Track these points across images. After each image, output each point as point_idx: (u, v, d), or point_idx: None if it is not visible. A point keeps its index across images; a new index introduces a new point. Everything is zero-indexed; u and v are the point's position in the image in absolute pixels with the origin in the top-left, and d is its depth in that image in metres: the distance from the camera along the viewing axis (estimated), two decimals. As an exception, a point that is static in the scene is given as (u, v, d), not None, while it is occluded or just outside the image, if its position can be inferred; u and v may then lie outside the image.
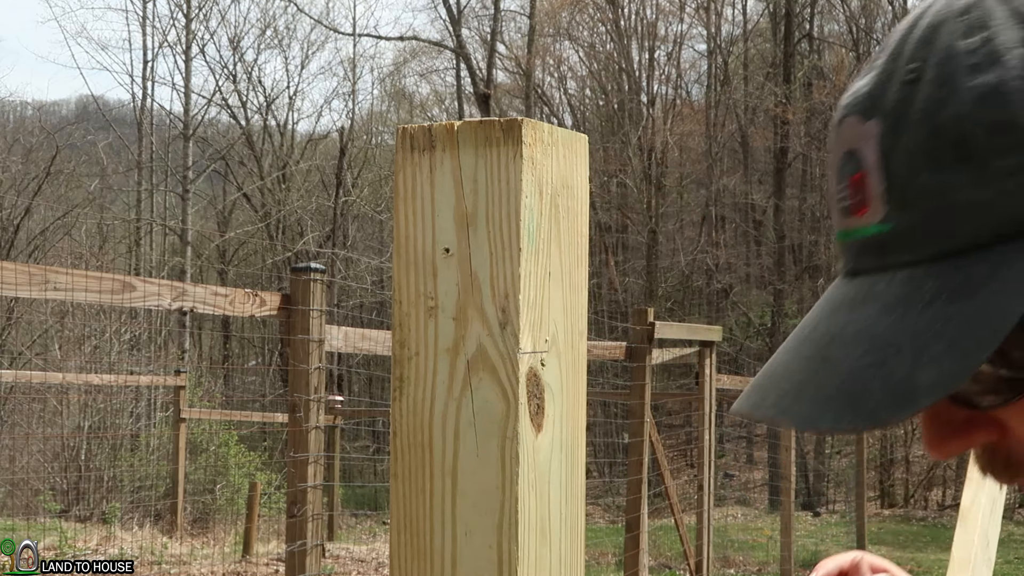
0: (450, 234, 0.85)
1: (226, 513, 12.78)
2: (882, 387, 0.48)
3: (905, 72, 0.52)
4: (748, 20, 28.95)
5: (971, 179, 0.48)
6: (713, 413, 8.66)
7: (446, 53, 30.13)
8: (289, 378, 5.42)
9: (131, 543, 9.86)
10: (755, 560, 13.07)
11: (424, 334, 0.86)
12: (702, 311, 26.58)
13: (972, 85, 0.49)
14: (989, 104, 0.48)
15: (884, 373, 0.49)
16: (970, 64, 0.49)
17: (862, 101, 0.54)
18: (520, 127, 0.82)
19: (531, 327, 0.84)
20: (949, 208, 0.49)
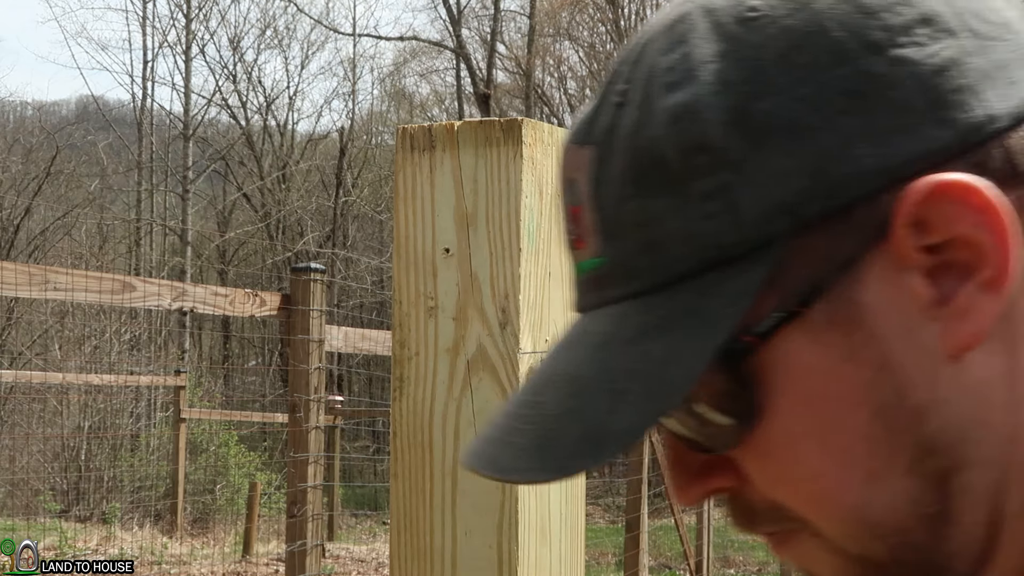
0: (450, 234, 0.85)
1: (226, 513, 12.78)
2: (577, 434, 0.45)
3: (615, 94, 0.49)
4: (748, 20, 28.95)
5: (673, 205, 0.46)
6: (713, 413, 8.66)
7: (446, 53, 30.14)
8: (289, 378, 5.42)
9: (131, 543, 9.85)
10: (755, 560, 13.06)
11: (424, 334, 0.86)
12: (702, 311, 26.58)
13: (666, 105, 0.46)
14: (682, 124, 0.45)
15: (581, 418, 0.46)
16: (667, 82, 0.46)
17: (580, 127, 0.51)
18: (520, 127, 0.82)
19: (531, 327, 0.84)
20: (657, 237, 0.46)
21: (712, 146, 0.45)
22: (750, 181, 0.45)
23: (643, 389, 0.45)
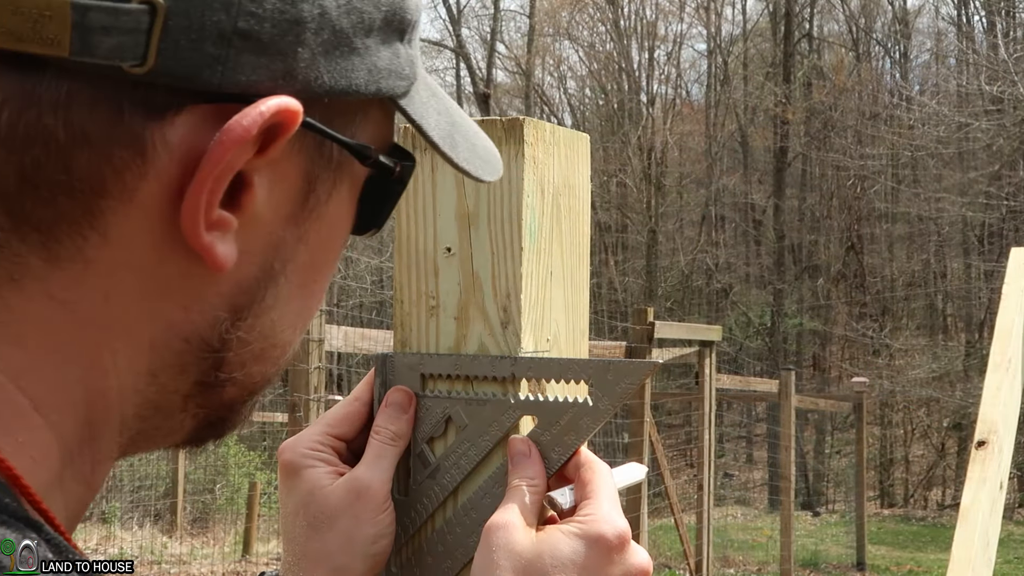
0: (452, 233, 0.84)
1: (226, 513, 12.78)
2: None
3: None
4: (748, 20, 28.95)
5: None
6: (713, 413, 8.66)
7: (446, 53, 30.13)
8: (289, 378, 5.42)
9: (131, 543, 9.85)
10: (755, 560, 13.06)
11: (425, 334, 0.86)
12: (702, 311, 26.57)
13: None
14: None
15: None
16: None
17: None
18: (522, 126, 0.82)
19: (533, 327, 0.83)
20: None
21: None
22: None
23: None
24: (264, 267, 0.57)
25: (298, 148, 0.55)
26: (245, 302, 0.57)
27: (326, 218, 0.59)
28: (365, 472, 0.79)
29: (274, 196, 0.55)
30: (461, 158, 0.62)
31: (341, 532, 0.78)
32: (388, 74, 0.57)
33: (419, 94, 0.61)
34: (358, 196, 0.61)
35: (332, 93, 0.54)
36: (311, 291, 0.61)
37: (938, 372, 20.95)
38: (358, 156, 0.58)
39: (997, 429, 2.48)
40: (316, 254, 0.60)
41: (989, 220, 21.59)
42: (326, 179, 0.58)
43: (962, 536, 2.28)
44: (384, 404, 0.83)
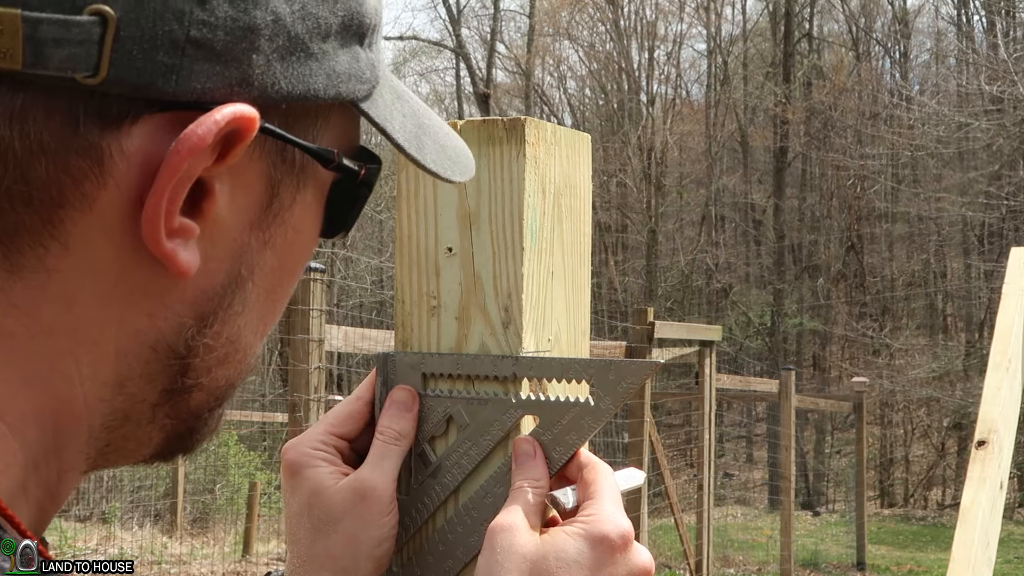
0: (453, 233, 0.84)
1: (226, 513, 12.78)
2: None
3: None
4: (748, 20, 28.95)
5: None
6: (713, 412, 8.66)
7: (446, 53, 30.14)
8: (289, 378, 5.42)
9: (131, 543, 9.85)
10: (755, 560, 13.06)
11: (427, 333, 0.86)
12: (702, 311, 26.57)
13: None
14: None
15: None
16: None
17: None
18: (523, 126, 0.82)
19: (534, 326, 0.83)
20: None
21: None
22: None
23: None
24: (230, 273, 0.57)
25: (259, 154, 0.55)
26: (211, 308, 0.57)
27: (291, 222, 0.59)
28: (370, 473, 0.79)
29: (237, 202, 0.55)
30: (429, 160, 0.63)
31: (346, 534, 0.78)
32: (348, 78, 0.57)
33: (382, 97, 0.61)
34: (325, 200, 0.62)
35: (290, 98, 0.54)
36: (277, 295, 0.62)
37: (938, 372, 20.96)
38: (321, 160, 0.58)
39: (997, 429, 2.48)
40: (283, 258, 0.60)
41: (989, 220, 21.59)
42: (289, 184, 0.58)
43: (962, 536, 2.29)
44: (388, 403, 0.83)
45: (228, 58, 0.51)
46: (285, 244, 0.59)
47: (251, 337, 0.61)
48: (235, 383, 0.62)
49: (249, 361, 0.62)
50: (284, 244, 0.59)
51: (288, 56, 0.54)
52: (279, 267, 0.60)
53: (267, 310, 0.61)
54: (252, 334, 0.61)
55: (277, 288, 0.61)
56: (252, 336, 0.61)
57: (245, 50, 0.52)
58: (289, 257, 0.61)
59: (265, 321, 0.62)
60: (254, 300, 0.59)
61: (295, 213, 0.59)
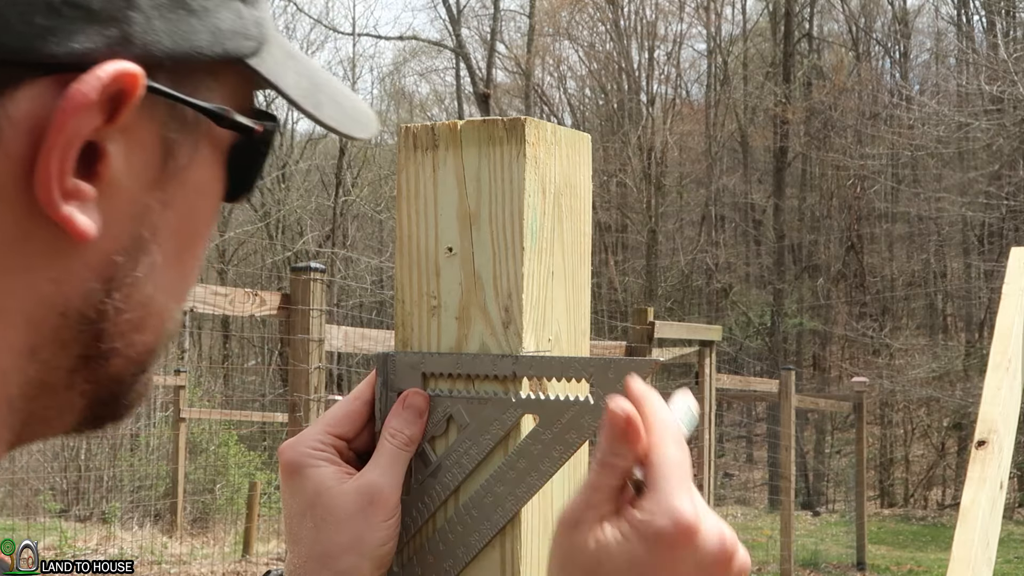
0: (453, 233, 0.84)
1: (226, 513, 12.78)
2: None
3: None
4: (748, 19, 28.95)
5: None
6: (713, 413, 8.66)
7: (446, 53, 30.14)
8: (289, 378, 5.42)
9: (131, 543, 9.85)
10: (755, 560, 13.06)
11: (427, 333, 0.86)
12: (702, 311, 26.57)
13: None
14: None
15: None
16: None
17: None
18: (523, 126, 0.82)
19: (534, 326, 0.83)
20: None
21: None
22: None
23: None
24: (133, 235, 0.57)
25: (149, 114, 0.55)
26: (116, 271, 0.57)
27: (191, 183, 0.59)
28: (379, 477, 0.79)
29: (132, 163, 0.55)
30: (326, 116, 0.63)
31: (350, 534, 0.78)
32: (232, 35, 0.57)
33: (272, 56, 0.61)
34: (225, 161, 0.62)
35: (175, 56, 0.55)
36: (185, 259, 0.61)
37: (938, 372, 20.96)
38: (214, 118, 0.58)
39: (997, 429, 2.48)
40: (186, 220, 0.60)
41: (989, 220, 21.59)
42: (184, 143, 0.58)
43: (962, 536, 2.29)
44: (401, 406, 0.83)
45: (106, 17, 0.52)
46: (186, 205, 0.59)
47: (165, 300, 0.60)
48: (155, 348, 0.62)
49: (167, 326, 0.62)
50: (185, 205, 0.59)
51: (169, 13, 0.54)
52: (183, 230, 0.60)
53: (178, 274, 0.61)
54: (165, 297, 0.60)
55: (185, 251, 0.61)
56: (165, 299, 0.60)
57: (122, 8, 0.52)
58: (192, 219, 0.61)
59: (177, 285, 0.62)
60: (162, 263, 0.59)
61: (193, 173, 0.59)
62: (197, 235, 0.62)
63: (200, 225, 0.62)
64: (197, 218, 0.61)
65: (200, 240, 0.62)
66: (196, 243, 0.62)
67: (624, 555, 0.66)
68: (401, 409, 0.83)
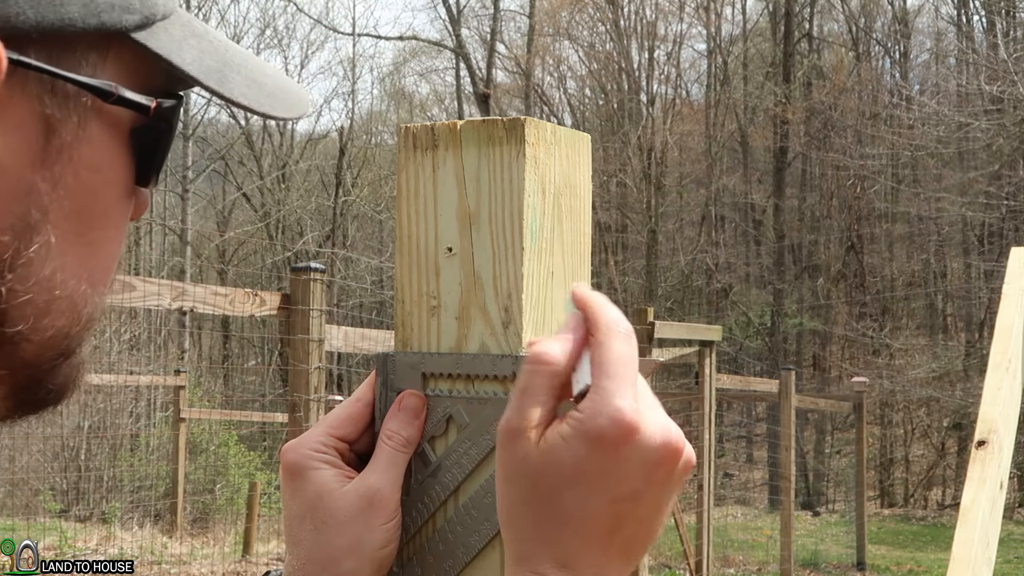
0: (453, 233, 0.84)
1: (226, 513, 12.78)
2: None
3: None
4: (748, 20, 28.95)
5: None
6: (713, 412, 8.66)
7: (446, 53, 30.14)
8: (289, 378, 5.42)
9: (131, 543, 9.85)
10: (755, 560, 13.06)
11: (427, 334, 0.86)
12: (702, 311, 26.58)
13: None
14: None
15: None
16: None
17: None
18: (523, 126, 0.82)
19: (534, 326, 0.83)
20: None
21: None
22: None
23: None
24: (19, 215, 0.55)
25: (22, 90, 0.54)
26: (8, 254, 0.55)
27: (84, 161, 0.57)
28: (378, 479, 0.79)
29: (9, 141, 0.54)
30: (235, 93, 0.61)
31: (351, 537, 0.77)
32: (110, 8, 0.55)
33: (168, 31, 0.59)
34: (127, 141, 0.60)
35: (41, 29, 0.52)
36: (92, 240, 0.60)
37: (938, 372, 20.96)
38: (97, 94, 0.56)
39: (997, 429, 2.48)
40: (84, 200, 0.58)
41: (989, 220, 21.59)
42: (67, 120, 0.56)
43: (962, 536, 2.29)
44: (397, 408, 0.83)
45: None
46: (81, 185, 0.58)
47: (74, 283, 0.59)
48: (72, 333, 0.60)
49: (83, 310, 0.60)
50: (79, 185, 0.57)
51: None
52: (84, 209, 0.58)
53: (87, 255, 0.59)
54: (75, 280, 0.59)
55: (90, 232, 0.59)
56: (76, 282, 0.59)
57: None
58: (92, 199, 0.59)
59: (89, 267, 0.60)
60: (62, 244, 0.57)
61: (84, 151, 0.57)
62: (102, 216, 0.60)
63: (104, 205, 0.60)
64: (98, 198, 0.59)
65: (107, 221, 0.60)
66: (103, 224, 0.60)
67: (569, 458, 0.63)
68: (397, 410, 0.82)
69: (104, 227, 0.60)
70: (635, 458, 0.63)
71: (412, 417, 0.82)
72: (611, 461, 0.62)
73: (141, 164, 0.61)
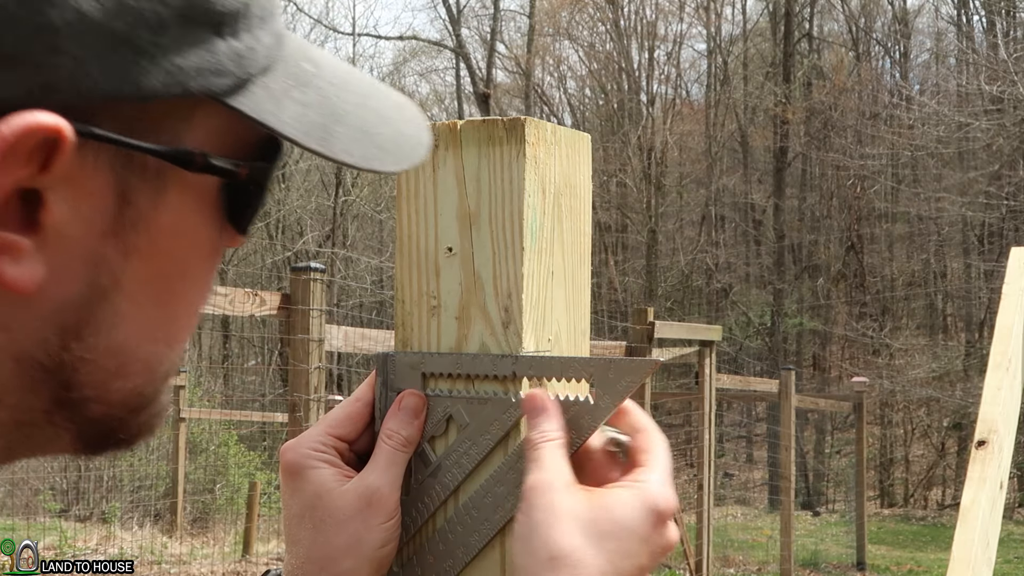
0: (453, 233, 0.84)
1: (226, 513, 12.78)
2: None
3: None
4: (748, 20, 28.95)
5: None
6: (713, 412, 8.66)
7: (446, 53, 30.14)
8: (289, 378, 5.42)
9: (131, 543, 9.85)
10: (755, 560, 13.05)
11: (427, 333, 0.86)
12: (702, 311, 26.57)
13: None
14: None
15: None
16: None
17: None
18: (523, 126, 0.82)
19: (534, 326, 0.83)
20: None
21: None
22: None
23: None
24: (89, 284, 0.54)
25: (94, 160, 0.51)
26: (73, 321, 0.54)
27: (162, 229, 0.55)
28: (377, 479, 0.79)
29: (81, 211, 0.52)
30: (339, 150, 0.58)
31: (350, 537, 0.77)
32: (198, 73, 0.52)
33: (267, 87, 0.56)
34: (214, 202, 0.58)
35: (119, 99, 0.50)
36: (169, 303, 0.58)
37: (938, 372, 20.96)
38: (178, 162, 0.54)
39: (997, 429, 2.48)
40: (161, 266, 0.56)
41: (989, 220, 21.59)
42: (145, 189, 0.54)
43: (962, 536, 2.29)
44: (397, 408, 0.83)
45: (24, 63, 0.48)
46: (158, 252, 0.56)
47: (149, 346, 0.57)
48: (143, 392, 0.59)
49: (158, 369, 0.59)
50: (156, 252, 0.56)
51: (109, 54, 0.49)
52: (161, 275, 0.57)
53: (165, 316, 0.58)
54: (150, 343, 0.57)
55: (169, 296, 0.58)
56: (151, 345, 0.58)
57: (43, 53, 0.48)
58: (170, 264, 0.57)
59: (166, 328, 0.58)
60: (135, 309, 0.56)
61: (162, 219, 0.55)
62: (182, 278, 0.58)
63: (184, 268, 0.58)
64: (177, 262, 0.57)
65: (190, 282, 0.59)
66: (183, 288, 0.59)
67: (627, 514, 0.72)
68: (397, 410, 0.82)
69: (188, 289, 0.59)
70: (663, 535, 0.74)
71: (412, 417, 0.82)
72: (654, 530, 0.73)
73: (228, 224, 0.60)
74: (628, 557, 0.72)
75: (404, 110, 0.65)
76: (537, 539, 0.72)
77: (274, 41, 0.58)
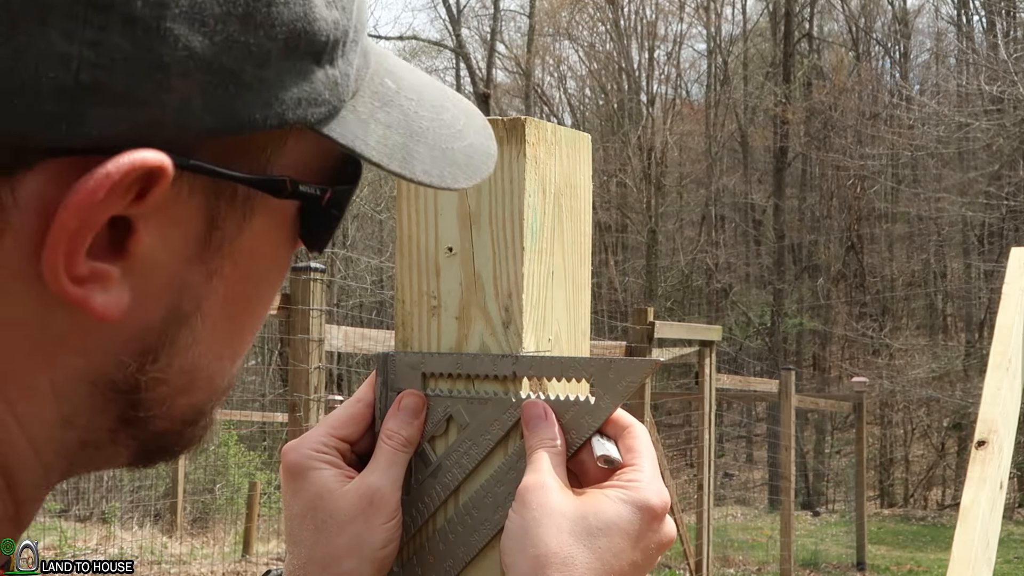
0: (453, 233, 0.84)
1: (226, 513, 12.77)
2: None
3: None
4: (748, 20, 28.95)
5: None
6: (713, 412, 8.66)
7: (446, 53, 30.14)
8: (289, 378, 5.42)
9: (131, 543, 9.85)
10: (755, 560, 13.05)
11: (427, 333, 0.86)
12: (702, 311, 26.57)
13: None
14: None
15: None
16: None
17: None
18: (524, 126, 0.82)
19: (534, 326, 0.83)
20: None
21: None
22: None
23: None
24: (171, 309, 0.54)
25: (189, 189, 0.52)
26: (153, 345, 0.54)
27: (243, 251, 0.56)
28: (378, 479, 0.79)
29: (170, 240, 0.52)
30: (419, 171, 0.58)
31: (351, 537, 0.78)
32: (296, 103, 0.52)
33: (355, 111, 0.57)
34: (291, 223, 0.58)
35: (219, 133, 0.50)
36: (241, 320, 0.59)
37: (938, 372, 20.96)
38: (268, 190, 0.55)
39: (997, 429, 2.48)
40: (239, 287, 0.57)
41: (989, 220, 21.59)
42: (233, 216, 0.54)
43: (962, 536, 2.29)
44: (396, 408, 0.83)
45: (134, 100, 0.48)
46: (238, 273, 0.56)
47: (216, 363, 0.58)
48: (201, 406, 0.60)
49: (219, 383, 0.60)
50: (237, 273, 0.56)
51: (213, 91, 0.49)
52: (236, 295, 0.57)
53: (233, 332, 0.59)
54: (217, 359, 0.58)
55: (242, 313, 0.59)
56: (218, 361, 0.58)
57: (152, 91, 0.48)
58: (246, 284, 0.58)
59: (233, 344, 0.59)
60: (209, 331, 0.56)
61: (245, 243, 0.56)
62: (255, 297, 0.59)
63: (258, 288, 0.59)
64: (252, 283, 0.58)
65: (259, 301, 0.60)
66: (255, 302, 0.60)
67: (613, 513, 0.74)
68: (397, 410, 0.83)
69: (258, 305, 0.60)
70: (658, 531, 0.76)
71: (412, 417, 0.82)
72: (647, 527, 0.75)
73: (305, 242, 0.60)
74: (619, 555, 0.73)
75: (473, 119, 0.65)
76: (528, 538, 0.73)
77: (363, 61, 0.58)
